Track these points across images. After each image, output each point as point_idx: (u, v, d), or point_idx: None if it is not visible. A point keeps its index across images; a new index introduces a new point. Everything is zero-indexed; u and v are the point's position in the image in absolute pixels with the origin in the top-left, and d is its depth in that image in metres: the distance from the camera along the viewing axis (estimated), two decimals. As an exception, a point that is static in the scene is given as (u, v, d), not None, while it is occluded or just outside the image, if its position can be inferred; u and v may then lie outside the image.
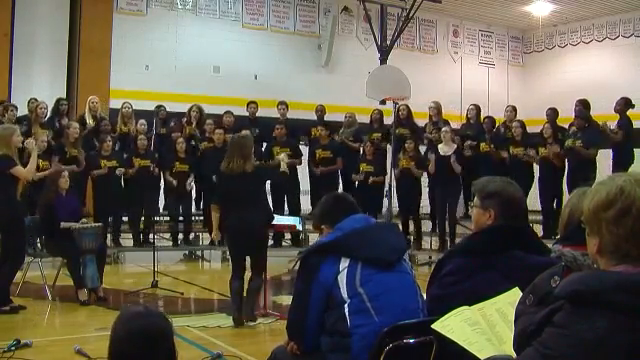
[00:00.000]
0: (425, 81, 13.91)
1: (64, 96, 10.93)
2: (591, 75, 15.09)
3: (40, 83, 11.34)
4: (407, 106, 10.52)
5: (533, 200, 9.42)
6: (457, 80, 16.03)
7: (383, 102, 10.90)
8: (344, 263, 2.69)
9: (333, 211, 2.96)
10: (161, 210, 10.23)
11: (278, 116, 10.53)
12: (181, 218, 9.99)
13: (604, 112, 10.04)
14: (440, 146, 9.53)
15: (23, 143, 6.33)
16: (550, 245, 2.18)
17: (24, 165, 6.17)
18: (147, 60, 12.73)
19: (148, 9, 12.86)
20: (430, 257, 10.04)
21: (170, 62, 12.90)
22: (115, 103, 10.20)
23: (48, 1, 11.78)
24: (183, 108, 10.77)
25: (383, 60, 13.47)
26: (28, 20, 11.51)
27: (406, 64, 12.02)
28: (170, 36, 13.04)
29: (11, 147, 5.99)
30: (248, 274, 5.87)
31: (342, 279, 2.66)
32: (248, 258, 5.86)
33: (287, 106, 10.58)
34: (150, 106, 10.62)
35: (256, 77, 13.68)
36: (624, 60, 15.01)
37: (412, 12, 13.28)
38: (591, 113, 9.82)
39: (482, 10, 15.73)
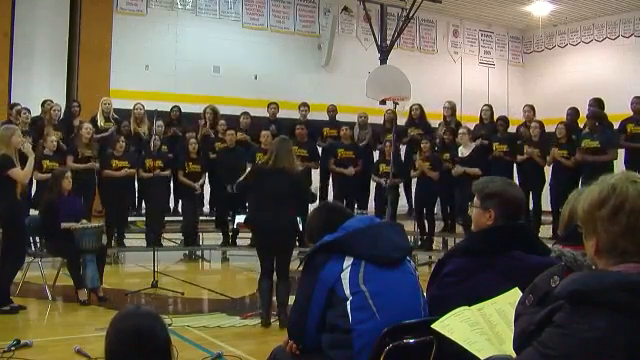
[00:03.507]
0: (425, 81, 13.92)
1: (64, 96, 10.95)
2: (591, 75, 15.10)
3: (40, 83, 11.35)
4: (420, 106, 10.48)
5: (544, 201, 9.43)
6: (457, 80, 16.03)
7: (383, 102, 10.89)
8: (348, 261, 2.69)
9: (330, 222, 2.93)
10: (171, 211, 10.26)
11: (299, 117, 10.43)
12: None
13: (604, 112, 10.01)
14: (460, 148, 9.53)
15: (23, 146, 6.33)
16: (551, 245, 2.18)
17: (23, 166, 6.16)
18: (147, 60, 12.73)
19: (148, 9, 12.87)
20: (430, 257, 10.03)
21: (170, 62, 12.90)
22: (115, 103, 10.19)
23: (48, 1, 11.78)
24: (183, 108, 10.76)
25: (383, 60, 13.48)
26: (28, 20, 11.51)
27: (406, 64, 12.02)
28: (170, 36, 13.05)
29: (11, 147, 5.99)
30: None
31: (345, 277, 2.67)
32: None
33: (309, 107, 10.45)
34: (150, 106, 10.57)
35: (256, 77, 13.69)
36: (624, 60, 15.01)
37: (412, 12, 13.29)
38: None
39: (482, 10, 15.74)
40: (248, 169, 6.13)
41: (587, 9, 15.23)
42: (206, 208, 10.44)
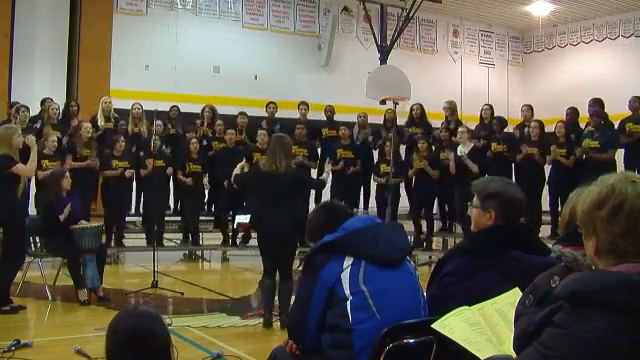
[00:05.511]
0: (425, 81, 13.92)
1: (64, 96, 10.94)
2: (591, 75, 15.09)
3: (40, 83, 11.34)
4: (421, 105, 10.50)
5: (543, 201, 9.43)
6: (457, 80, 16.02)
7: (383, 102, 10.88)
8: (348, 261, 2.69)
9: (331, 222, 2.92)
10: (171, 210, 10.25)
11: (298, 116, 10.43)
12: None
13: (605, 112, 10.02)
14: (459, 147, 9.53)
15: (26, 138, 6.33)
16: (551, 245, 2.18)
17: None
18: (147, 60, 12.73)
19: (148, 9, 12.87)
20: (430, 257, 10.03)
21: (170, 62, 12.90)
22: (115, 103, 10.18)
23: (48, 1, 11.78)
24: (183, 108, 10.76)
25: (383, 60, 13.47)
26: (28, 20, 11.51)
27: (406, 64, 12.02)
28: (170, 36, 13.05)
29: (12, 147, 5.99)
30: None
31: (345, 277, 2.67)
32: None
33: (308, 106, 10.51)
34: (150, 106, 10.53)
35: (256, 77, 13.69)
36: (624, 60, 15.01)
37: (412, 12, 13.29)
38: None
39: (482, 10, 15.74)
40: (243, 161, 6.12)
41: (587, 9, 15.23)
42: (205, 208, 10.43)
